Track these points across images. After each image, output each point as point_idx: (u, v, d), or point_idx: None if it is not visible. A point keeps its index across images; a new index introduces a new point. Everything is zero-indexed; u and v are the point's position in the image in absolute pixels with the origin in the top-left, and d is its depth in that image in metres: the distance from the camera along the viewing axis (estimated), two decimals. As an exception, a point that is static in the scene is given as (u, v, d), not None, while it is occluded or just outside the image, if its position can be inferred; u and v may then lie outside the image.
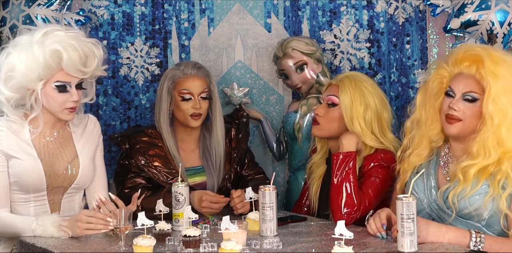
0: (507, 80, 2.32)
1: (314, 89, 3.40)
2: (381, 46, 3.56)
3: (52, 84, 2.55)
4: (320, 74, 3.39)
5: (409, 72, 3.53)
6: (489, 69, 2.33)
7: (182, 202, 2.54)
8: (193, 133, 3.05)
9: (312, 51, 3.38)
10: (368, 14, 3.56)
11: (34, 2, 3.32)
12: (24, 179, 2.59)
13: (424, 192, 2.44)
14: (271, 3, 3.62)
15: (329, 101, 2.83)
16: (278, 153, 3.58)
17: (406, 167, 2.52)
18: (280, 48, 3.41)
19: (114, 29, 3.57)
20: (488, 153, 2.31)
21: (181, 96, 2.96)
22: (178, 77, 2.98)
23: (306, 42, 3.39)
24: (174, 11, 3.59)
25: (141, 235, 2.24)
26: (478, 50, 2.37)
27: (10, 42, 2.61)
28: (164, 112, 2.98)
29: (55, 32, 2.54)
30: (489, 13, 3.23)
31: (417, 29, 3.51)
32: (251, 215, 2.56)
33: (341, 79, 2.84)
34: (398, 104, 3.54)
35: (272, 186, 2.47)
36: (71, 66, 2.52)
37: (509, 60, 2.36)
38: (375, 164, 2.71)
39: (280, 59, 3.42)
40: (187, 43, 3.61)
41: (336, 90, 2.82)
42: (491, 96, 2.31)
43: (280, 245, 2.29)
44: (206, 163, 3.02)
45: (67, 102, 2.57)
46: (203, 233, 2.42)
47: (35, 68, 2.50)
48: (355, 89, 2.80)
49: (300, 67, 3.38)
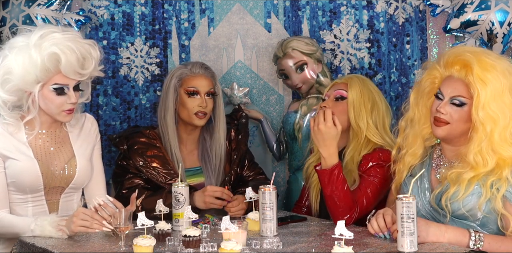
0: (495, 86, 2.31)
1: (314, 89, 3.40)
2: (381, 46, 3.56)
3: (50, 86, 2.54)
4: (320, 74, 3.40)
5: (409, 72, 3.53)
6: (477, 75, 2.32)
7: (182, 202, 2.54)
8: (193, 133, 3.05)
9: (312, 51, 3.38)
10: (368, 14, 3.56)
11: (34, 2, 3.32)
12: (21, 180, 2.59)
13: (418, 194, 2.44)
14: (271, 3, 3.62)
15: (337, 94, 2.82)
16: (278, 153, 3.58)
17: (402, 167, 2.52)
18: (280, 48, 3.41)
19: (114, 29, 3.57)
20: (485, 161, 2.31)
21: (188, 93, 2.97)
22: (186, 75, 2.99)
23: (306, 42, 3.39)
24: (174, 11, 3.59)
25: (141, 235, 2.24)
26: (468, 56, 2.35)
27: (6, 44, 2.60)
28: (170, 109, 2.98)
29: (51, 34, 2.53)
30: (489, 13, 3.23)
31: (417, 29, 3.51)
32: (251, 215, 2.56)
33: (349, 77, 2.87)
34: (398, 104, 3.54)
35: (272, 186, 2.47)
36: (69, 68, 2.52)
37: (500, 66, 2.35)
38: (373, 164, 2.71)
39: (280, 59, 3.42)
40: (187, 43, 3.60)
41: (345, 86, 2.83)
42: (480, 103, 2.31)
43: (280, 245, 2.29)
44: (205, 164, 3.03)
45: (64, 104, 2.57)
46: (203, 233, 2.42)
47: (32, 71, 2.49)
48: (364, 86, 2.82)
49: (300, 67, 3.38)
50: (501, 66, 2.35)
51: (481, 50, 2.45)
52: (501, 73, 2.33)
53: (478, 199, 2.30)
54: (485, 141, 2.31)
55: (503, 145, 2.31)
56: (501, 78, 2.32)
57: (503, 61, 2.38)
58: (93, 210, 2.47)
